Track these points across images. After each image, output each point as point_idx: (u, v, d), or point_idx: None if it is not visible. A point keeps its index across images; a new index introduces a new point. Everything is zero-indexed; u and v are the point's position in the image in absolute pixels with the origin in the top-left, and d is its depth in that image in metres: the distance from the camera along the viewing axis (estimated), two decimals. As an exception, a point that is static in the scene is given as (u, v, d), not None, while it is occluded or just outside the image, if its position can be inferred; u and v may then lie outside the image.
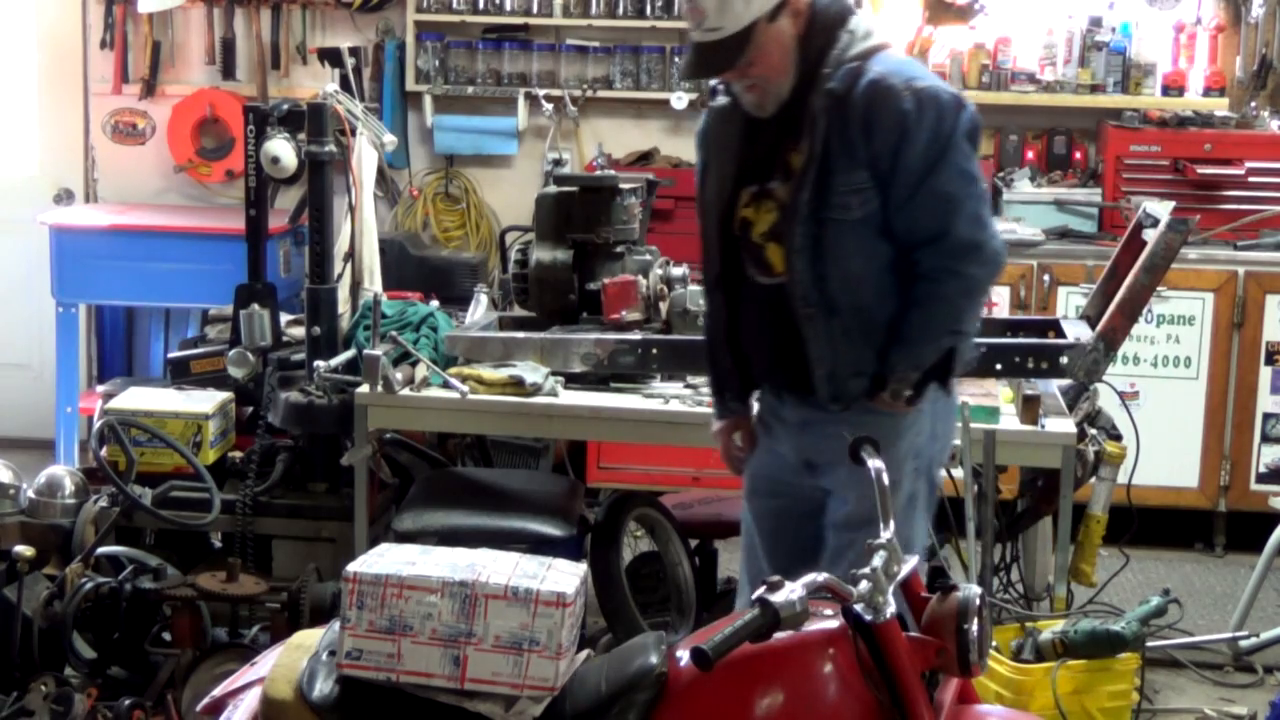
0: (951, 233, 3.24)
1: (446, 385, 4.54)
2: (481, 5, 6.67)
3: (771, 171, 3.35)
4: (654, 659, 2.83)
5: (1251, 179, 6.20)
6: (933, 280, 3.26)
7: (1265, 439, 6.05)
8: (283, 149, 5.15)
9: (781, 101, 3.31)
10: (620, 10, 6.60)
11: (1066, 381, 4.49)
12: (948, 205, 3.24)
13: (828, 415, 3.34)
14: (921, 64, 3.40)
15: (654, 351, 4.44)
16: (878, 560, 2.72)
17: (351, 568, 2.91)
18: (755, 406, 3.60)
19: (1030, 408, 4.29)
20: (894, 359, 3.30)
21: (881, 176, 3.24)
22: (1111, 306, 4.41)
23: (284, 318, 5.28)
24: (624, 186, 4.77)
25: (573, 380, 4.56)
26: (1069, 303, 5.92)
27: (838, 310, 3.28)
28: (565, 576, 2.92)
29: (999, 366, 4.36)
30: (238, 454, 4.96)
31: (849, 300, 3.28)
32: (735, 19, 3.22)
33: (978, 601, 2.75)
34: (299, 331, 5.09)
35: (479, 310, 4.95)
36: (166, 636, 4.38)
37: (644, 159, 6.56)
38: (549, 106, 6.58)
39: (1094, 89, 6.40)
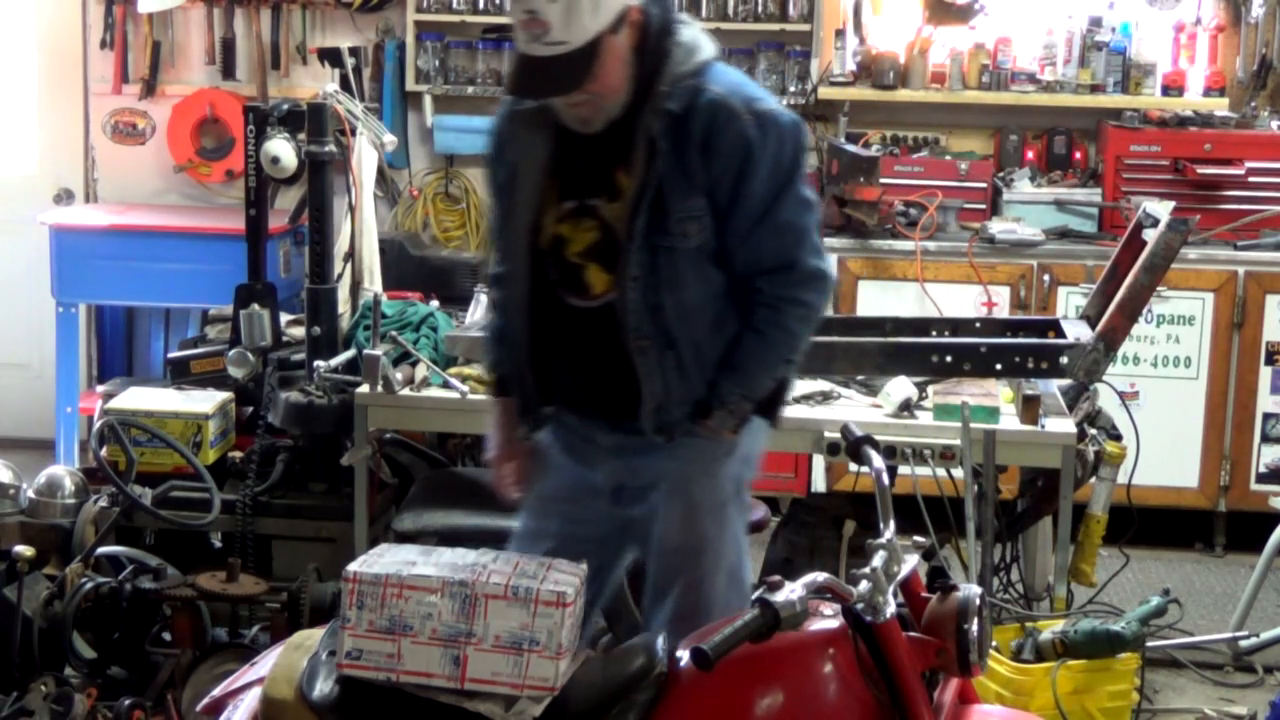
0: (798, 264, 3.14)
1: (446, 385, 4.54)
2: (481, 5, 6.67)
3: (594, 189, 3.16)
4: (654, 659, 2.83)
5: (1251, 179, 6.20)
6: (774, 308, 3.16)
7: (1265, 439, 6.05)
8: (283, 149, 5.16)
9: (612, 119, 3.12)
10: (620, 10, 6.59)
11: (1066, 381, 4.49)
12: (793, 236, 3.14)
13: (644, 443, 3.21)
14: (750, 79, 3.28)
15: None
16: (878, 560, 2.72)
17: (351, 568, 2.91)
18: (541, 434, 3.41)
19: (1030, 408, 4.29)
20: (726, 388, 3.17)
21: (719, 204, 3.11)
22: (1111, 306, 4.41)
23: (284, 318, 5.28)
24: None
25: (573, 380, 4.55)
26: (1069, 303, 5.92)
27: (674, 342, 3.14)
28: (565, 576, 2.92)
29: (999, 366, 4.36)
30: (238, 454, 4.96)
31: (685, 332, 3.15)
32: (582, 31, 2.98)
33: (978, 601, 2.76)
34: (299, 331, 5.09)
35: (479, 310, 4.95)
36: (166, 636, 4.38)
37: (644, 159, 6.55)
38: (549, 106, 6.57)
39: (1094, 89, 6.39)
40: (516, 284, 3.28)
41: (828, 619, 2.77)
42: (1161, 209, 4.49)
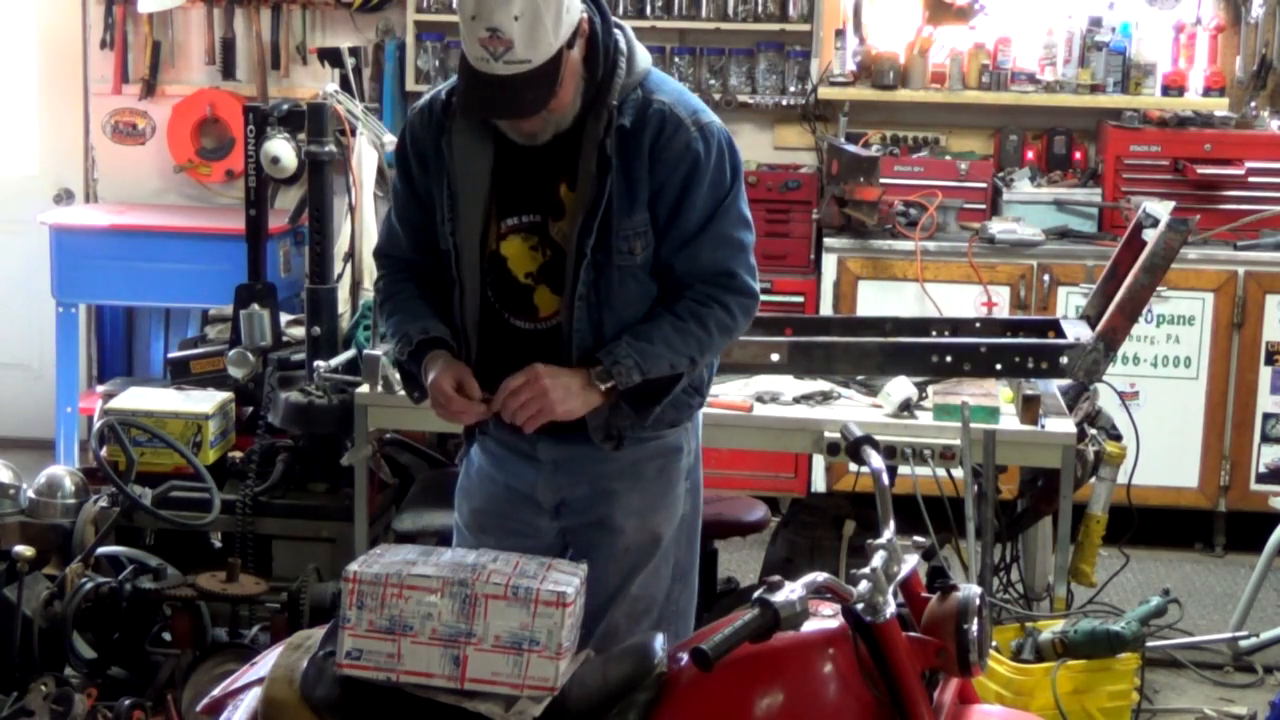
0: (736, 276, 3.11)
1: (446, 385, 4.53)
2: (481, 5, 6.66)
3: (535, 205, 3.09)
4: (654, 659, 2.83)
5: (1251, 179, 6.20)
6: (701, 304, 3.09)
7: (1265, 439, 6.05)
8: (283, 149, 5.16)
9: (560, 131, 3.03)
10: (620, 10, 6.59)
11: (1066, 381, 4.49)
12: (731, 249, 3.10)
13: (590, 452, 3.16)
14: (685, 87, 3.20)
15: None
16: (878, 560, 2.72)
17: (351, 568, 2.91)
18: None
19: (1030, 408, 4.29)
20: (623, 349, 3.04)
21: (659, 213, 3.05)
22: (1111, 306, 4.41)
23: (284, 318, 5.28)
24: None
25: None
26: (1069, 303, 5.92)
27: None
28: (565, 576, 2.92)
29: (999, 366, 4.36)
30: (238, 454, 4.96)
31: None
32: (546, 48, 2.87)
33: (978, 601, 2.75)
34: (299, 331, 5.10)
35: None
36: (166, 636, 4.38)
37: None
38: (549, 106, 6.57)
39: (1094, 89, 6.39)
40: (466, 299, 3.15)
41: (828, 619, 2.77)
42: (1161, 209, 4.49)
